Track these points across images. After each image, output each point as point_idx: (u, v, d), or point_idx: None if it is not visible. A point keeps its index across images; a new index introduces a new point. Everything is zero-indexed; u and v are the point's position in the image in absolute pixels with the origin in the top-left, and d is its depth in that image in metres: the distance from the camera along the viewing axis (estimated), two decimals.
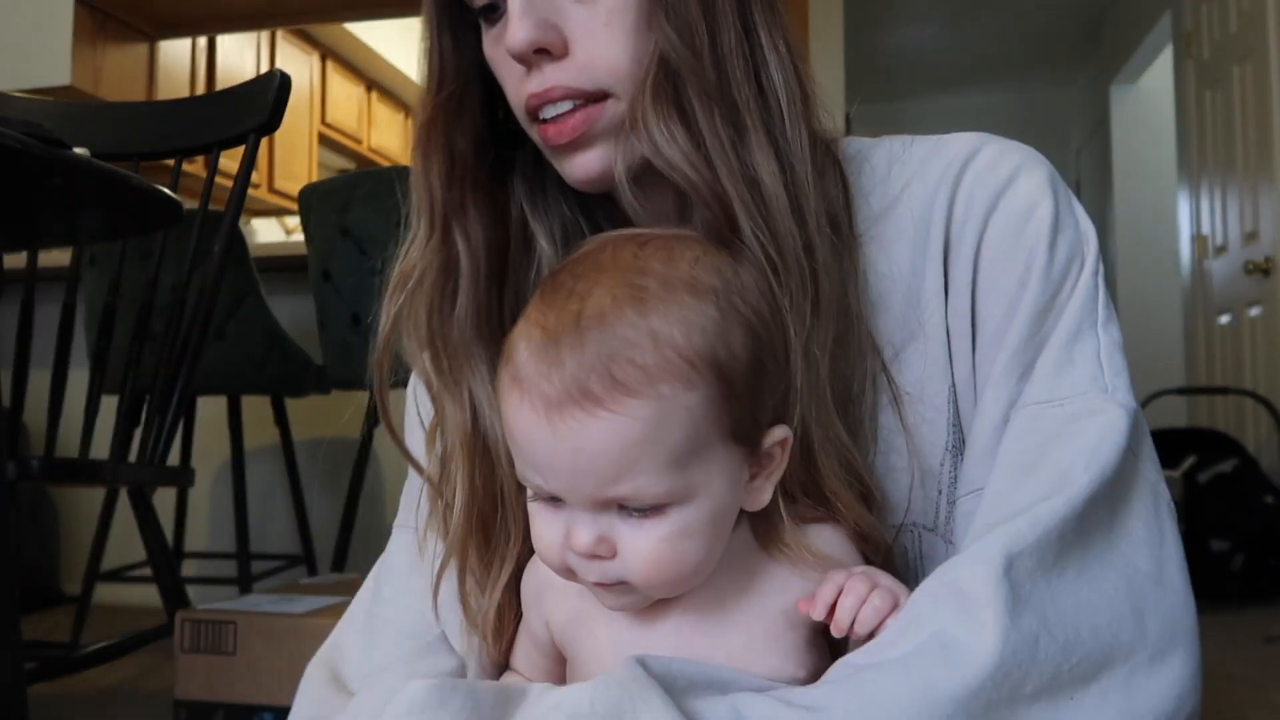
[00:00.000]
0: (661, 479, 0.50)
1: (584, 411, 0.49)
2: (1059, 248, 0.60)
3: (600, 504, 0.51)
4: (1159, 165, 4.81)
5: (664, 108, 0.58)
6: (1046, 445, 0.56)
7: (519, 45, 0.58)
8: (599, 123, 0.60)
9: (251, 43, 4.36)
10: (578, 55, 0.59)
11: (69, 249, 1.68)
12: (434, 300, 0.63)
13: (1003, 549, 0.51)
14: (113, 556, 2.55)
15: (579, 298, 0.51)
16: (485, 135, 0.65)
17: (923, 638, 0.49)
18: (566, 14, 0.59)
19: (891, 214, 0.64)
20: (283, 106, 1.56)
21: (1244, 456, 2.88)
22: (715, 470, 0.52)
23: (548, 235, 0.66)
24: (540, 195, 0.67)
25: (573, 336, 0.50)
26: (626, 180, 0.61)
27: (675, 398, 0.50)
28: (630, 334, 0.50)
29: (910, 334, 0.62)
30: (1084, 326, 0.59)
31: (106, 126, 1.68)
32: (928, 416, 0.63)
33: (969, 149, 0.63)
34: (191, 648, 1.53)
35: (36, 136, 1.16)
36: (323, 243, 2.13)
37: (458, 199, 0.63)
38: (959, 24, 5.41)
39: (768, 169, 0.58)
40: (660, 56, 0.58)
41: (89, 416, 1.57)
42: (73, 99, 3.05)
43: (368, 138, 5.35)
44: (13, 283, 1.77)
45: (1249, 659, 2.22)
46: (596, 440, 0.49)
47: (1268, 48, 3.14)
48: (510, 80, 0.62)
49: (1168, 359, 4.41)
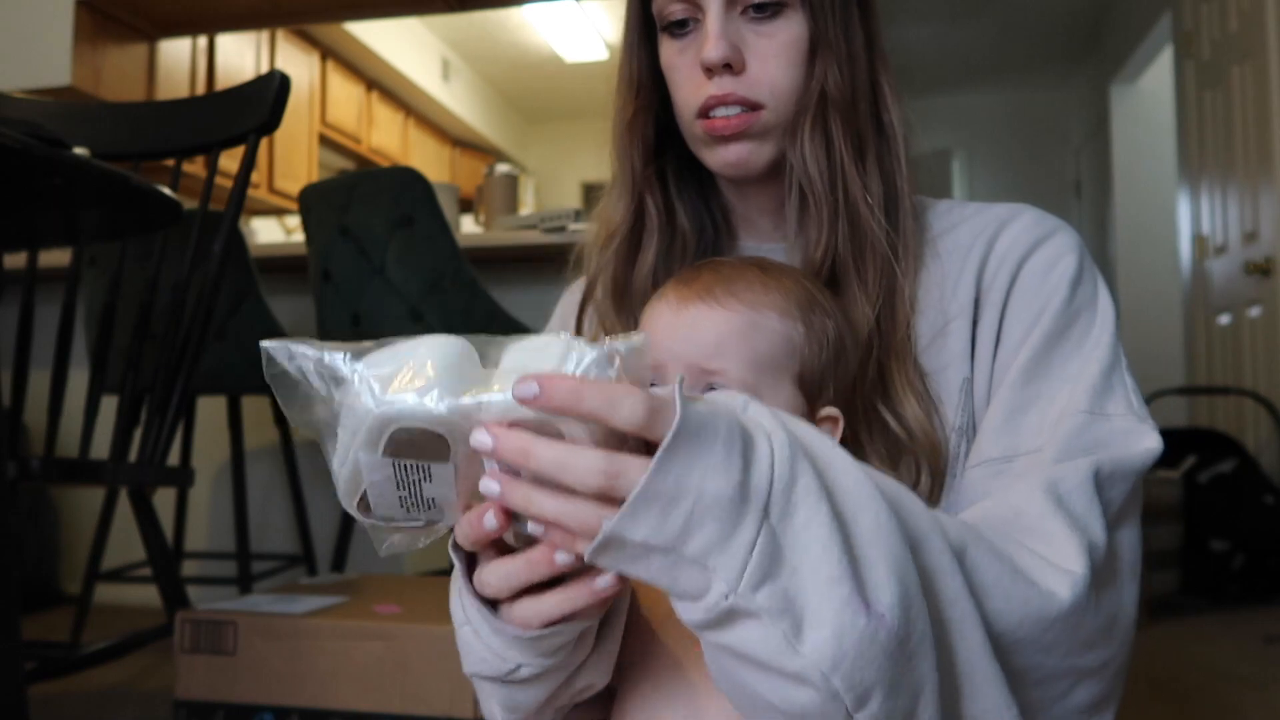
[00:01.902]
0: (744, 368, 0.66)
1: (705, 305, 0.67)
2: (1078, 294, 0.74)
3: (695, 376, 0.66)
4: (1159, 165, 4.81)
5: (817, 131, 0.76)
6: (1094, 447, 0.68)
7: (715, 60, 0.74)
8: (754, 126, 0.76)
9: (251, 43, 4.36)
10: (751, 73, 0.76)
11: (69, 249, 1.68)
12: (624, 252, 0.82)
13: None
14: (113, 556, 2.55)
15: (714, 266, 0.71)
16: (661, 126, 0.83)
17: None
18: (748, 40, 0.76)
19: (941, 241, 0.79)
20: (283, 106, 1.57)
21: (1244, 456, 2.88)
22: (780, 398, 0.67)
23: (684, 212, 0.84)
24: (680, 182, 0.85)
25: (712, 275, 0.69)
26: (756, 172, 0.78)
27: (769, 320, 0.67)
28: (755, 279, 0.69)
29: (940, 329, 0.76)
30: (1116, 365, 0.71)
31: (106, 126, 1.68)
32: (944, 397, 0.76)
33: (1015, 210, 0.79)
34: (191, 648, 1.53)
35: (36, 136, 1.16)
36: (323, 243, 2.13)
37: (650, 175, 0.82)
38: (959, 23, 5.42)
39: (876, 189, 0.77)
40: (821, 89, 0.76)
41: (89, 416, 1.58)
42: (73, 99, 3.05)
43: (368, 138, 5.35)
44: (13, 283, 1.78)
45: (1249, 659, 2.22)
46: (708, 323, 0.66)
47: (1268, 48, 3.14)
48: (689, 84, 0.78)
49: (1168, 359, 4.42)
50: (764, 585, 0.47)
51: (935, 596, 0.53)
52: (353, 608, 1.59)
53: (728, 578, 0.47)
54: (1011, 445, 0.70)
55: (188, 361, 1.53)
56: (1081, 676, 0.62)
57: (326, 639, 1.50)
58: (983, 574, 0.56)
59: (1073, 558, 0.60)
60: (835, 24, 0.77)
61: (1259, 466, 2.88)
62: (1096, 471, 0.64)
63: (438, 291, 2.01)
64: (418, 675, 1.44)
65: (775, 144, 0.77)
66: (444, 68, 5.84)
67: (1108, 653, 0.63)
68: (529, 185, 5.83)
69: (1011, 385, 0.71)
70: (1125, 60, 4.93)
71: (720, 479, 0.47)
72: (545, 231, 2.36)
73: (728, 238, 0.86)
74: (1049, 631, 0.58)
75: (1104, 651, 0.62)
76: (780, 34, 0.76)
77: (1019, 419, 0.70)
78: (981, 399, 0.74)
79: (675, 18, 0.78)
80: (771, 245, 0.83)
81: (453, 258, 2.02)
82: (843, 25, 0.77)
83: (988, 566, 0.57)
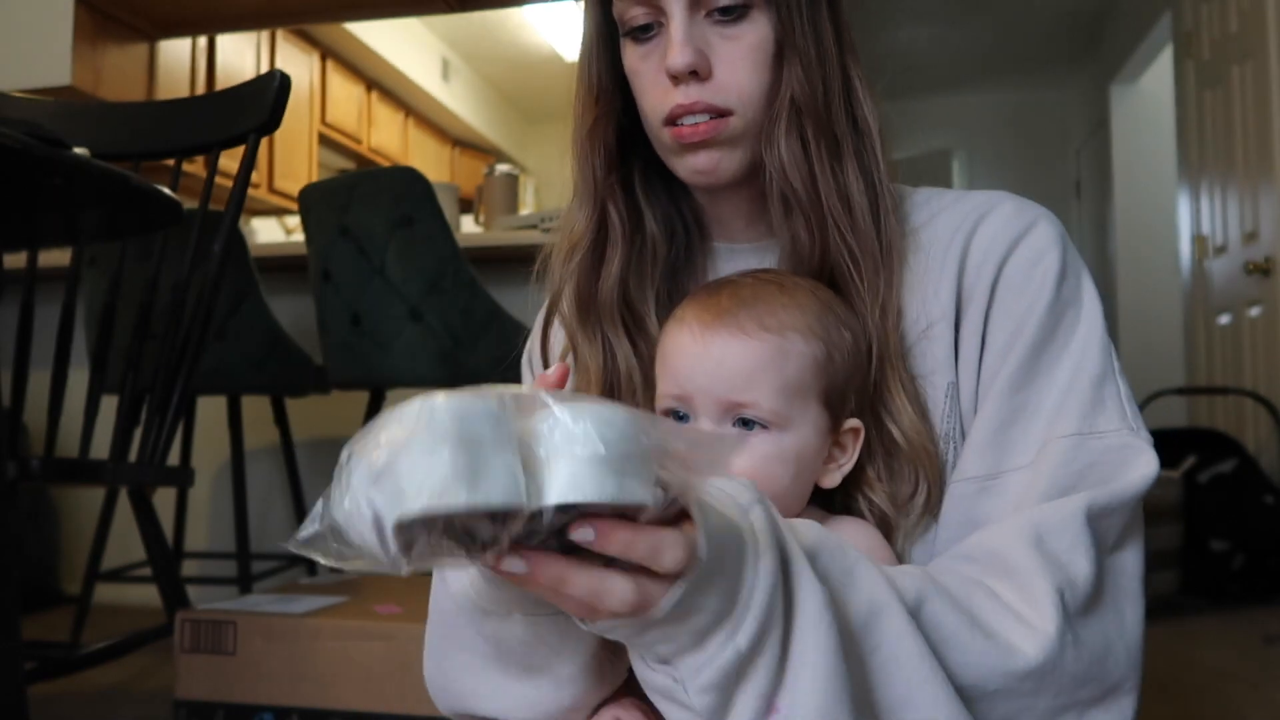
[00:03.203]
0: (774, 398, 0.66)
1: (731, 335, 0.67)
2: (1063, 291, 0.72)
3: (724, 409, 0.67)
4: (1159, 165, 4.81)
5: (792, 137, 0.73)
6: (1088, 471, 0.66)
7: (680, 67, 0.72)
8: (722, 133, 0.74)
9: (251, 43, 4.36)
10: (718, 78, 0.73)
11: (69, 249, 1.68)
12: (588, 263, 0.79)
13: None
14: (113, 556, 2.55)
15: (733, 287, 0.70)
16: (624, 132, 0.80)
17: None
18: (713, 44, 0.73)
19: (918, 236, 0.77)
20: (283, 106, 1.56)
21: (1244, 456, 2.88)
22: (809, 419, 0.68)
23: (653, 217, 0.82)
24: (648, 186, 0.82)
25: (731, 299, 0.69)
26: (726, 180, 0.76)
27: (796, 345, 0.68)
28: (776, 300, 0.69)
29: (922, 332, 0.74)
30: (1107, 371, 0.69)
31: (106, 126, 1.68)
32: (929, 404, 0.74)
33: (993, 200, 0.76)
34: (191, 648, 1.53)
35: (36, 136, 1.16)
36: (323, 243, 2.13)
37: (613, 183, 0.79)
38: (959, 23, 5.41)
39: (857, 189, 0.74)
40: (790, 94, 0.73)
41: (89, 416, 1.58)
42: (73, 99, 3.05)
43: (368, 138, 5.35)
44: (13, 283, 1.78)
45: (1249, 659, 2.22)
46: (736, 354, 0.67)
47: (1268, 48, 3.13)
48: (655, 91, 0.75)
49: (1168, 359, 4.41)
50: (711, 692, 0.52)
51: (897, 665, 0.56)
52: (353, 608, 1.59)
53: (689, 678, 0.52)
54: (997, 461, 0.69)
55: (188, 361, 1.53)
56: (1087, 705, 0.62)
57: (326, 639, 1.50)
58: (941, 628, 0.58)
59: (1044, 609, 0.60)
60: (803, 22, 0.73)
61: (1259, 466, 2.88)
62: (1088, 508, 0.63)
63: (438, 291, 2.01)
64: (417, 675, 1.44)
65: (746, 149, 0.75)
66: (444, 68, 5.84)
67: (1112, 679, 0.63)
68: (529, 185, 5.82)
69: (998, 395, 0.70)
70: (1125, 60, 4.93)
71: (716, 606, 0.50)
72: (545, 231, 2.35)
73: (700, 239, 0.83)
74: (1025, 682, 0.59)
75: (1104, 681, 0.63)
76: (747, 36, 0.73)
77: (1006, 432, 0.69)
78: (968, 405, 0.73)
79: (638, 23, 0.75)
80: (745, 245, 0.82)
81: (453, 258, 2.02)
82: (811, 23, 0.74)
83: (945, 620, 0.59)
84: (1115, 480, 0.65)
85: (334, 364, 2.19)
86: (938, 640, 0.58)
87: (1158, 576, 2.67)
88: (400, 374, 2.07)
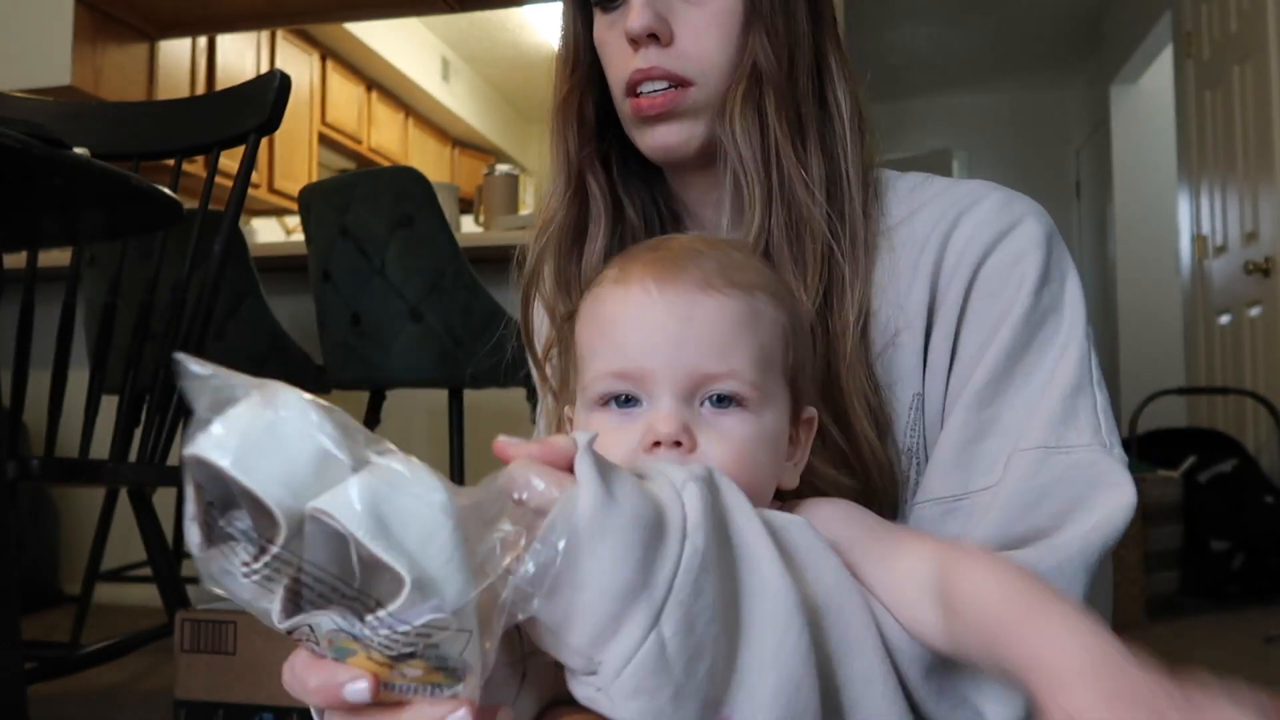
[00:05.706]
0: (750, 368, 0.56)
1: (700, 290, 0.56)
2: (1042, 297, 0.66)
3: (693, 384, 0.55)
4: (1159, 165, 4.81)
5: (749, 107, 0.69)
6: (1052, 487, 0.61)
7: (637, 29, 0.69)
8: (683, 104, 0.70)
9: (251, 43, 4.36)
10: (680, 45, 0.70)
11: (69, 249, 1.68)
12: (566, 240, 0.75)
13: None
14: (113, 556, 2.55)
15: (681, 242, 0.61)
16: (601, 109, 0.77)
17: None
18: (677, 11, 0.70)
19: (897, 232, 0.72)
20: (283, 106, 1.56)
21: (1244, 456, 2.89)
22: (778, 397, 0.58)
23: (630, 204, 0.79)
24: (624, 170, 0.79)
25: (687, 253, 0.58)
26: (691, 154, 0.72)
27: (766, 307, 0.58)
28: (735, 257, 0.60)
29: (890, 338, 0.69)
30: (1083, 382, 0.64)
31: (106, 126, 1.68)
32: (893, 415, 0.69)
33: (978, 193, 0.71)
34: (191, 648, 1.53)
35: (36, 136, 1.16)
36: (323, 243, 2.13)
37: (589, 155, 0.76)
38: (959, 24, 5.41)
39: (816, 169, 0.70)
40: (753, 64, 0.70)
41: (89, 416, 1.58)
42: (73, 99, 3.04)
43: (368, 138, 5.35)
44: (13, 283, 1.77)
45: (1249, 659, 2.22)
46: (709, 313, 0.55)
47: (1268, 48, 3.14)
48: (618, 59, 0.72)
49: (1168, 359, 4.41)
50: (639, 698, 0.44)
51: (875, 699, 0.50)
52: None
53: (605, 677, 0.44)
54: (963, 482, 0.63)
55: None
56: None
57: None
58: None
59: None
60: None
61: (1259, 466, 2.89)
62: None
63: (438, 291, 2.01)
64: None
65: (708, 124, 0.71)
66: (444, 68, 5.84)
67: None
68: (529, 185, 5.82)
69: (966, 409, 0.65)
70: (1125, 60, 4.93)
71: (617, 574, 0.43)
72: None
73: (674, 229, 0.80)
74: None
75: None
76: (712, 3, 0.70)
77: (973, 449, 0.64)
78: (934, 419, 0.67)
79: None
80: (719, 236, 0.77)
81: (453, 258, 2.02)
82: None
83: None
84: (1077, 517, 0.59)
85: (334, 364, 2.19)
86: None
87: (1158, 576, 2.67)
88: (400, 374, 2.07)
